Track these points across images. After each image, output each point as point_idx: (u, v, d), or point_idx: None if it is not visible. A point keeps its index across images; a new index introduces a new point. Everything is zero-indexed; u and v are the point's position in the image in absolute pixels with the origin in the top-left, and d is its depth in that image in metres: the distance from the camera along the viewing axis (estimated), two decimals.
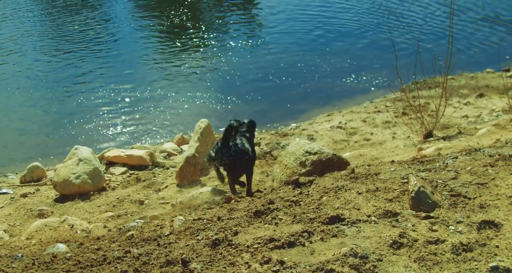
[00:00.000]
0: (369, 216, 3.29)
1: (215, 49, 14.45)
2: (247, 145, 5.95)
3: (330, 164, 4.93)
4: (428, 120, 8.17)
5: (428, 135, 7.93)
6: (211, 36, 15.37)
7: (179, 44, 14.80)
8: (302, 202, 3.77)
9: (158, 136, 10.39)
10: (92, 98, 11.80)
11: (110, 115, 11.11)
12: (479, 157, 4.37)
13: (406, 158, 5.76)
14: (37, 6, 18.49)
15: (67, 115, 11.10)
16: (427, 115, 8.87)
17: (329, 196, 3.75)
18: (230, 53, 13.99)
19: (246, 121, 6.72)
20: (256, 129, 10.25)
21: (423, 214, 3.26)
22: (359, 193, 3.68)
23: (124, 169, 7.87)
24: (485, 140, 6.24)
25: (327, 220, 3.26)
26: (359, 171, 4.44)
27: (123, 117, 11.04)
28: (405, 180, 3.80)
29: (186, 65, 13.48)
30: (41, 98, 11.85)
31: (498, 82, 11.08)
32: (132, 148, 8.88)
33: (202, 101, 11.68)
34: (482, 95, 10.89)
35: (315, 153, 5.01)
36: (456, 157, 4.47)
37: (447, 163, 4.33)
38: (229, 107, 11.42)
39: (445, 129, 8.65)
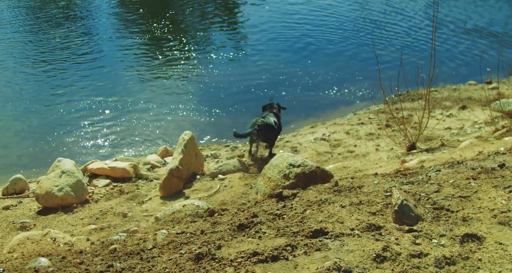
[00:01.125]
0: (352, 229, 3.29)
1: (198, 61, 14.45)
2: (272, 120, 8.98)
3: (314, 176, 4.93)
4: (411, 132, 8.22)
5: (411, 147, 7.97)
6: (194, 48, 15.37)
7: (162, 56, 14.79)
8: (285, 216, 3.76)
9: (142, 148, 10.36)
10: (75, 110, 11.73)
11: (93, 127, 11.06)
12: (461, 170, 4.39)
13: (390, 170, 5.78)
14: (18, 19, 18.39)
15: (49, 127, 11.03)
16: (410, 127, 8.92)
17: (313, 210, 3.75)
18: (213, 66, 14.00)
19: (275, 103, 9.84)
20: (239, 142, 10.32)
21: (406, 228, 3.26)
22: (343, 207, 3.68)
23: (107, 181, 7.83)
24: (468, 152, 6.27)
25: (311, 233, 3.25)
26: (342, 184, 4.45)
27: (106, 129, 10.99)
28: (388, 193, 3.80)
29: (169, 77, 13.47)
30: (23, 110, 11.76)
31: (480, 94, 11.18)
32: (116, 160, 8.85)
33: (185, 113, 11.67)
34: (464, 107, 10.98)
35: (298, 166, 5.01)
36: (439, 170, 4.49)
37: (430, 176, 4.35)
38: (212, 119, 11.42)
39: (428, 141, 8.69)
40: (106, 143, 10.52)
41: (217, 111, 11.73)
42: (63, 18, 17.86)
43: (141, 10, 18.93)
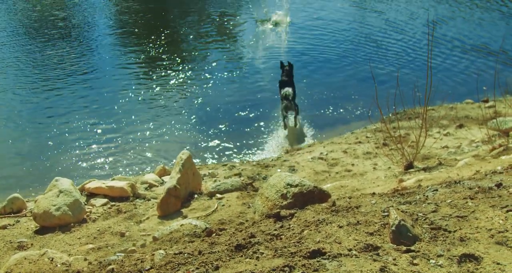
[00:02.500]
0: (350, 250, 3.29)
1: (194, 80, 14.50)
2: (290, 91, 11.71)
3: (312, 196, 4.93)
4: (408, 151, 8.23)
5: (409, 166, 7.97)
6: (191, 67, 15.44)
7: (158, 76, 14.85)
8: (283, 236, 3.76)
9: (139, 167, 10.37)
10: (72, 129, 11.75)
11: (90, 147, 11.07)
12: (459, 189, 4.40)
13: (387, 189, 5.79)
14: (14, 39, 18.45)
15: (47, 147, 11.04)
16: (407, 146, 8.94)
17: (310, 230, 3.75)
18: (210, 85, 14.05)
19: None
20: (237, 161, 10.34)
21: (404, 248, 3.26)
22: (340, 227, 3.68)
23: (105, 200, 7.81)
24: (465, 171, 6.28)
25: (308, 254, 3.25)
26: (340, 203, 4.45)
27: (103, 148, 11.00)
28: (386, 213, 3.80)
29: (166, 96, 13.52)
30: (20, 129, 11.79)
31: (477, 112, 11.22)
32: (113, 179, 8.83)
33: (182, 132, 11.70)
34: (461, 126, 11.01)
35: (296, 186, 5.01)
36: (436, 190, 4.50)
37: (427, 196, 4.36)
38: (210, 138, 11.45)
39: (425, 160, 8.71)
40: (103, 162, 10.53)
41: (215, 130, 11.77)
42: (59, 39, 17.92)
43: (136, 30, 19.01)
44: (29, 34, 18.90)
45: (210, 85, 14.04)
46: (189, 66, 15.48)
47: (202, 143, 11.33)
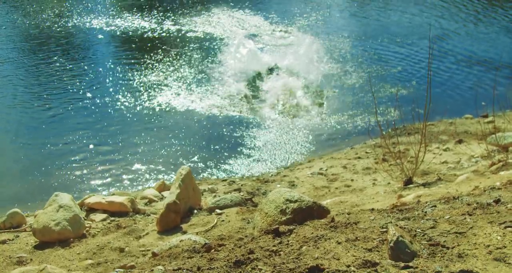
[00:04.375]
0: (348, 266, 3.29)
1: (194, 96, 14.52)
2: None
3: (311, 212, 4.94)
4: (408, 166, 8.25)
5: (408, 182, 7.99)
6: (190, 83, 15.46)
7: (157, 91, 14.87)
8: (282, 252, 3.77)
9: (139, 183, 10.37)
10: (71, 145, 11.76)
11: (90, 162, 11.08)
12: (457, 205, 4.42)
13: (387, 205, 5.80)
14: (16, 56, 18.52)
15: (46, 162, 11.04)
16: (407, 162, 8.96)
17: (309, 246, 3.76)
18: (210, 101, 14.06)
19: None
20: (237, 176, 10.35)
21: (402, 264, 3.27)
22: (339, 243, 3.69)
23: (104, 215, 7.81)
24: (464, 187, 6.30)
25: (307, 270, 3.26)
26: (339, 219, 4.46)
27: (103, 164, 11.01)
28: (384, 229, 3.82)
29: (166, 111, 13.53)
30: (19, 145, 11.79)
31: (477, 128, 11.24)
32: (113, 194, 8.84)
33: (182, 147, 11.71)
34: (461, 141, 11.03)
35: (295, 201, 5.02)
36: (435, 206, 4.51)
37: (426, 212, 4.37)
38: (210, 153, 11.47)
39: (425, 176, 8.72)
40: (103, 178, 10.54)
41: (214, 145, 11.79)
42: (60, 56, 17.96)
43: (134, 45, 19.05)
44: (29, 50, 18.97)
45: (211, 101, 14.06)
46: (190, 82, 15.51)
47: (202, 158, 11.35)
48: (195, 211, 7.70)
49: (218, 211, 7.55)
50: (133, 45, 18.95)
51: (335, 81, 15.60)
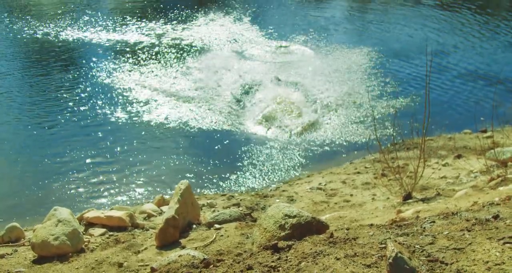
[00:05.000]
0: None
1: (193, 109, 14.55)
2: None
3: (310, 227, 4.94)
4: (407, 181, 8.25)
5: (407, 197, 7.98)
6: (190, 96, 15.50)
7: (157, 104, 14.90)
8: (280, 268, 3.77)
9: (138, 197, 10.37)
10: (70, 158, 11.77)
11: (89, 176, 11.07)
12: (456, 221, 4.42)
13: (386, 220, 5.79)
14: (10, 65, 18.61)
15: (44, 176, 11.03)
16: (406, 177, 8.96)
17: (308, 262, 3.76)
18: (208, 115, 14.08)
19: None
20: (236, 190, 10.36)
21: None
22: (338, 259, 3.69)
23: (103, 230, 7.79)
24: (463, 202, 6.29)
25: None
26: (338, 235, 4.46)
27: (102, 178, 11.01)
28: (383, 245, 3.82)
29: (166, 125, 13.56)
30: (17, 159, 11.79)
31: (476, 143, 11.24)
32: (112, 209, 8.82)
33: (181, 162, 11.72)
34: (460, 156, 11.03)
35: (294, 216, 5.02)
36: (434, 221, 4.51)
37: (424, 228, 4.37)
38: (209, 168, 11.47)
39: (424, 191, 8.72)
40: (102, 192, 10.53)
41: (214, 160, 11.80)
42: (58, 71, 18.01)
43: (131, 60, 19.11)
44: (27, 64, 19.03)
45: (209, 115, 14.08)
46: (187, 97, 15.53)
47: (201, 173, 11.35)
48: (194, 226, 7.69)
49: (217, 226, 7.54)
50: (131, 60, 19.01)
51: (334, 95, 15.64)
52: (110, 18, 26.09)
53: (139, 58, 19.15)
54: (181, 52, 20.11)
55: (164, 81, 16.67)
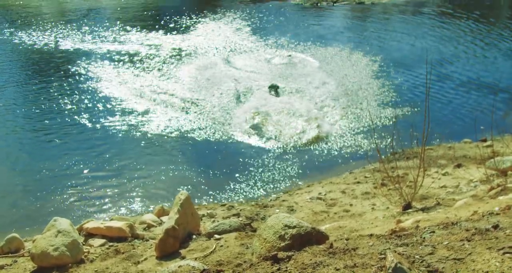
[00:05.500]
0: None
1: (192, 119, 14.56)
2: None
3: (309, 237, 4.93)
4: (406, 191, 8.24)
5: (407, 206, 7.97)
6: (189, 106, 15.53)
7: (156, 114, 14.92)
8: None
9: (138, 207, 10.36)
10: (70, 169, 11.77)
11: (88, 187, 11.07)
12: (456, 231, 4.41)
13: (386, 230, 5.79)
14: (10, 76, 18.68)
15: (44, 187, 11.03)
16: (406, 186, 8.95)
17: (307, 272, 3.75)
18: (207, 125, 14.07)
19: None
20: (236, 200, 10.35)
21: None
22: (337, 269, 3.69)
23: (103, 241, 7.78)
24: (463, 212, 6.29)
25: None
26: (337, 245, 4.46)
27: (102, 189, 11.00)
28: (383, 256, 3.82)
29: (164, 136, 13.57)
30: (17, 170, 11.81)
31: (475, 152, 11.25)
32: (112, 219, 8.82)
33: (180, 172, 11.72)
34: (460, 165, 11.03)
35: (294, 227, 5.02)
36: (434, 231, 4.51)
37: (424, 238, 4.37)
38: (209, 178, 11.46)
39: (424, 200, 8.71)
40: (102, 203, 10.52)
41: (213, 170, 11.79)
42: (58, 82, 18.06)
43: (131, 70, 19.15)
44: (27, 75, 19.07)
45: (207, 125, 14.08)
46: (186, 106, 15.56)
47: (201, 183, 11.34)
48: (194, 236, 7.68)
49: (216, 236, 7.53)
50: (130, 70, 19.08)
51: (334, 104, 15.66)
52: (109, 28, 26.23)
53: (138, 69, 19.22)
54: (180, 62, 20.18)
55: (163, 92, 16.70)
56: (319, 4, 34.61)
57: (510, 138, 12.09)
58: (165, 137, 13.53)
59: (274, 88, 16.87)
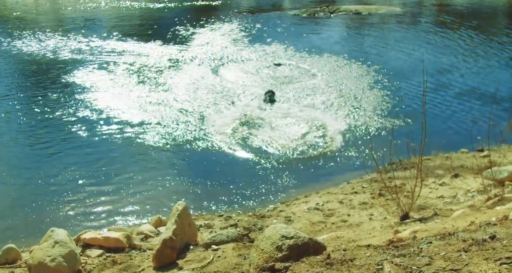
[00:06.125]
0: None
1: (189, 129, 14.57)
2: None
3: (307, 248, 4.94)
4: (404, 201, 8.25)
5: (405, 217, 7.98)
6: (185, 117, 15.55)
7: (153, 126, 14.92)
8: None
9: (135, 218, 10.35)
10: (67, 180, 11.75)
11: (86, 197, 11.05)
12: (453, 241, 4.42)
13: (383, 240, 5.79)
14: (9, 87, 18.69)
15: (42, 197, 11.01)
16: (403, 196, 8.96)
17: None
18: (205, 134, 14.08)
19: None
20: (233, 211, 10.35)
21: None
22: None
23: (100, 251, 7.77)
24: (460, 222, 6.30)
25: None
26: (334, 256, 4.46)
27: (99, 199, 10.98)
28: (380, 267, 3.82)
29: (161, 146, 13.57)
30: (14, 180, 11.79)
31: (472, 162, 11.27)
32: (109, 230, 8.81)
33: (178, 182, 11.71)
34: (457, 176, 11.04)
35: (291, 238, 5.02)
36: (431, 242, 4.51)
37: (421, 248, 4.37)
38: (206, 188, 11.46)
39: (421, 210, 8.72)
40: (99, 213, 10.51)
41: (212, 181, 11.79)
42: (56, 93, 18.06)
43: (129, 81, 19.18)
44: (26, 86, 19.09)
45: (205, 138, 14.08)
46: (182, 117, 15.57)
47: (198, 193, 11.32)
48: (191, 247, 7.67)
49: (214, 247, 7.52)
50: (127, 81, 19.12)
51: (331, 114, 15.71)
52: (106, 38, 26.34)
53: (135, 80, 19.26)
54: (178, 73, 20.25)
55: (159, 102, 16.72)
56: (316, 15, 34.76)
57: (507, 148, 12.12)
58: (162, 147, 13.53)
59: (270, 95, 16.95)
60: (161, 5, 38.42)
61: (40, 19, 32.95)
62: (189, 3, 39.51)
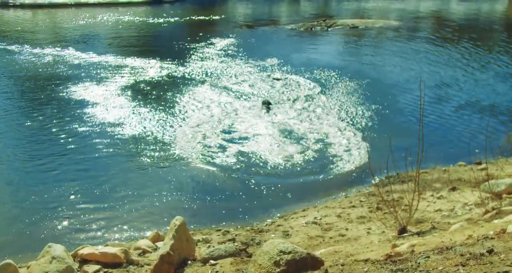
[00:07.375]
0: None
1: (186, 144, 14.58)
2: None
3: (304, 263, 4.94)
4: (402, 215, 8.24)
5: (403, 231, 7.97)
6: (182, 131, 15.56)
7: (150, 141, 14.92)
8: None
9: (133, 233, 10.31)
10: (64, 195, 11.71)
11: (83, 213, 11.01)
12: (450, 256, 4.42)
13: (381, 254, 5.78)
14: (5, 102, 18.72)
15: (39, 212, 10.98)
16: (401, 210, 8.95)
17: None
18: (202, 152, 14.06)
19: None
20: (231, 225, 10.33)
21: None
22: None
23: (98, 267, 7.74)
24: (458, 236, 6.29)
25: None
26: (332, 271, 4.46)
27: (96, 214, 10.95)
28: None
29: (158, 162, 13.56)
30: (11, 196, 11.77)
31: (470, 175, 11.26)
32: (106, 245, 8.79)
33: (175, 197, 11.70)
34: (455, 189, 11.04)
35: (289, 253, 5.03)
36: (428, 256, 4.52)
37: (419, 263, 4.37)
38: (204, 203, 11.45)
39: (419, 224, 8.71)
40: (96, 228, 10.48)
41: (210, 196, 11.77)
42: (53, 108, 18.09)
43: (124, 95, 19.23)
44: (22, 101, 19.12)
45: (203, 152, 14.07)
46: (179, 131, 15.59)
47: (196, 208, 11.30)
48: (189, 262, 7.65)
49: (212, 261, 7.51)
50: (124, 96, 19.17)
51: (328, 127, 15.73)
52: (103, 54, 26.42)
53: (132, 95, 19.31)
54: (175, 87, 20.31)
55: (157, 118, 16.73)
56: (313, 29, 34.93)
57: (505, 161, 12.13)
58: (160, 163, 13.53)
59: (266, 105, 17.06)
60: (160, 20, 38.57)
61: (39, 35, 33.06)
62: (187, 18, 39.68)
